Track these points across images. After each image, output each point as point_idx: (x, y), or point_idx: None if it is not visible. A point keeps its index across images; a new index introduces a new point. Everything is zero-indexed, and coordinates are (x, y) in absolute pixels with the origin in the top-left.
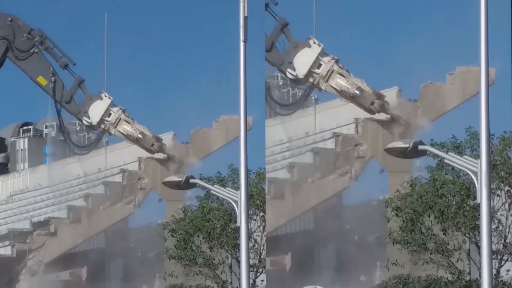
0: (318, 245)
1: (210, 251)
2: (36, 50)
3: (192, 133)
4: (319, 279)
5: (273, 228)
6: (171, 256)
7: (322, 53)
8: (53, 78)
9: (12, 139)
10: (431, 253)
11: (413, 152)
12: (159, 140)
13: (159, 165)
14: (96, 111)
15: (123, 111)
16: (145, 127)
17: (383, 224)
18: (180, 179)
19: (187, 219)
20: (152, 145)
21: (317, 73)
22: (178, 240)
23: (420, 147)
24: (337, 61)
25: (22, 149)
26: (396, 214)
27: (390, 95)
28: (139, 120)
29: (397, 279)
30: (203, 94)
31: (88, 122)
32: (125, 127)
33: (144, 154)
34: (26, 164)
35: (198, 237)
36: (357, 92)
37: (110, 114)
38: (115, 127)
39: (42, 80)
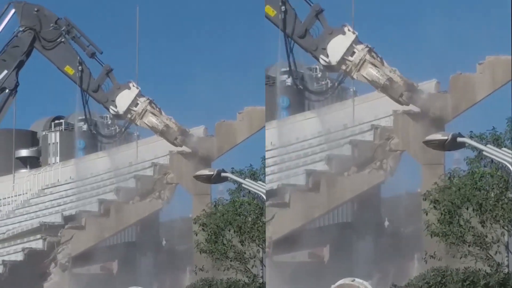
0: (356, 238)
1: (241, 245)
2: (63, 40)
3: (217, 125)
4: (357, 272)
5: (307, 220)
6: (202, 250)
7: (356, 41)
8: (80, 67)
9: (44, 133)
10: (469, 246)
11: (452, 144)
12: (184, 133)
13: (184, 159)
14: (123, 100)
15: (150, 102)
16: (172, 119)
17: (420, 216)
18: (212, 173)
19: (218, 213)
20: (176, 138)
21: (350, 61)
22: (209, 234)
23: (459, 139)
24: (370, 50)
25: (53, 143)
26: (434, 207)
27: (428, 87)
28: (168, 113)
29: (435, 272)
30: (227, 85)
31: (114, 111)
32: (150, 119)
33: (175, 148)
34: (58, 158)
35: (229, 231)
36: (387, 83)
37: (137, 104)
38: (141, 118)
39: (69, 70)
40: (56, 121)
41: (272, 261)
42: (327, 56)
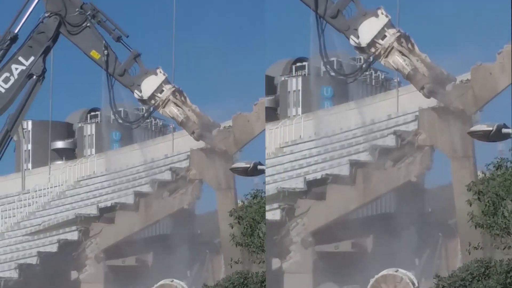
0: (399, 228)
1: None
2: (88, 24)
3: (233, 118)
4: (400, 262)
5: (346, 211)
6: (238, 243)
7: (389, 25)
8: (105, 52)
9: (79, 125)
10: None
11: (497, 135)
12: (205, 126)
13: (204, 154)
14: (148, 85)
15: (174, 92)
16: (197, 108)
17: (465, 207)
18: (248, 165)
19: (254, 206)
20: (193, 132)
21: (380, 44)
22: (245, 227)
23: (504, 130)
24: (400, 37)
25: (89, 135)
26: (478, 198)
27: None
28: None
29: (479, 263)
30: (244, 78)
31: (139, 95)
32: (172, 109)
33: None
34: (93, 150)
35: (265, 224)
36: (411, 73)
37: (162, 91)
38: (164, 107)
39: (95, 54)
40: (92, 113)
41: (315, 252)
42: (358, 37)
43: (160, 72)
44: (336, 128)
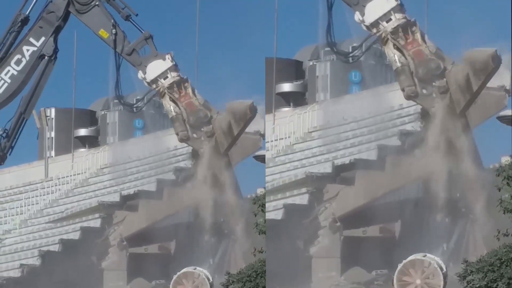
0: (428, 213)
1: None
2: (97, 3)
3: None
4: (428, 248)
5: (374, 197)
6: (261, 231)
7: (397, 9)
8: (114, 30)
9: (102, 113)
10: None
11: None
12: (201, 124)
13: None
14: (154, 68)
15: (174, 83)
16: (193, 104)
17: (493, 193)
18: None
19: None
20: (177, 133)
21: (383, 27)
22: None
23: None
24: (398, 27)
25: (112, 122)
26: (508, 183)
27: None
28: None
29: (508, 248)
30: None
31: (142, 77)
32: (166, 102)
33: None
34: (116, 137)
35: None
36: (399, 69)
37: (166, 77)
38: (162, 96)
39: (103, 33)
40: (115, 101)
41: (343, 236)
42: (363, 14)
43: (169, 58)
44: (365, 112)
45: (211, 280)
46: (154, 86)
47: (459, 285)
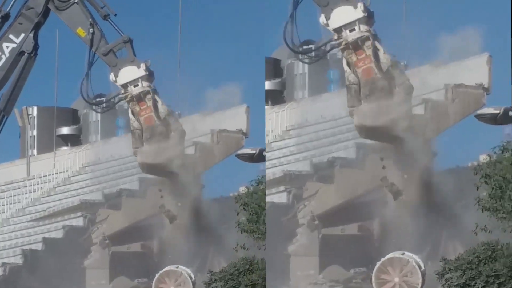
0: (406, 212)
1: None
2: (76, 1)
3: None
4: (406, 246)
5: (353, 196)
6: (243, 229)
7: (364, 21)
8: (91, 30)
9: (85, 111)
10: None
11: (504, 118)
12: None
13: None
14: (127, 74)
15: (139, 95)
16: (150, 121)
17: (471, 191)
18: (254, 152)
19: (260, 192)
20: (133, 148)
21: (346, 35)
22: (250, 214)
23: (511, 113)
24: (356, 41)
25: (94, 121)
26: (485, 182)
27: (480, 62)
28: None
29: (486, 246)
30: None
31: (114, 79)
32: (129, 112)
33: (217, 126)
34: (99, 136)
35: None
36: (347, 87)
37: (137, 85)
38: (129, 105)
39: (81, 32)
40: (98, 99)
41: (322, 234)
42: (329, 18)
43: (143, 67)
44: (343, 111)
45: (193, 278)
46: (123, 91)
47: (437, 283)
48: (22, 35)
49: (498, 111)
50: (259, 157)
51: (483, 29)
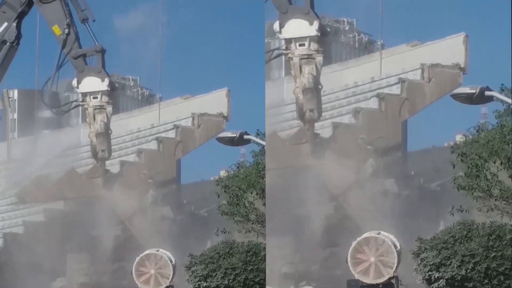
0: (382, 191)
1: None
2: None
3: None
4: (382, 226)
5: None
6: (223, 212)
7: (315, 39)
8: (66, 30)
9: (66, 94)
10: (495, 200)
11: (480, 98)
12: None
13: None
14: (89, 83)
15: (95, 108)
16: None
17: (448, 170)
18: (234, 135)
19: (240, 175)
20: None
21: (295, 48)
22: (231, 197)
23: (487, 93)
24: (302, 57)
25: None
26: (462, 160)
27: (456, 41)
28: None
29: (461, 225)
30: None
31: (75, 85)
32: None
33: (197, 109)
34: (79, 119)
35: (251, 193)
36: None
37: (96, 97)
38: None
39: (56, 29)
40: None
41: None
42: (283, 26)
43: (107, 82)
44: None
45: (173, 262)
46: (81, 99)
47: (413, 262)
48: (5, 24)
49: (474, 91)
50: (240, 141)
51: (459, 9)
